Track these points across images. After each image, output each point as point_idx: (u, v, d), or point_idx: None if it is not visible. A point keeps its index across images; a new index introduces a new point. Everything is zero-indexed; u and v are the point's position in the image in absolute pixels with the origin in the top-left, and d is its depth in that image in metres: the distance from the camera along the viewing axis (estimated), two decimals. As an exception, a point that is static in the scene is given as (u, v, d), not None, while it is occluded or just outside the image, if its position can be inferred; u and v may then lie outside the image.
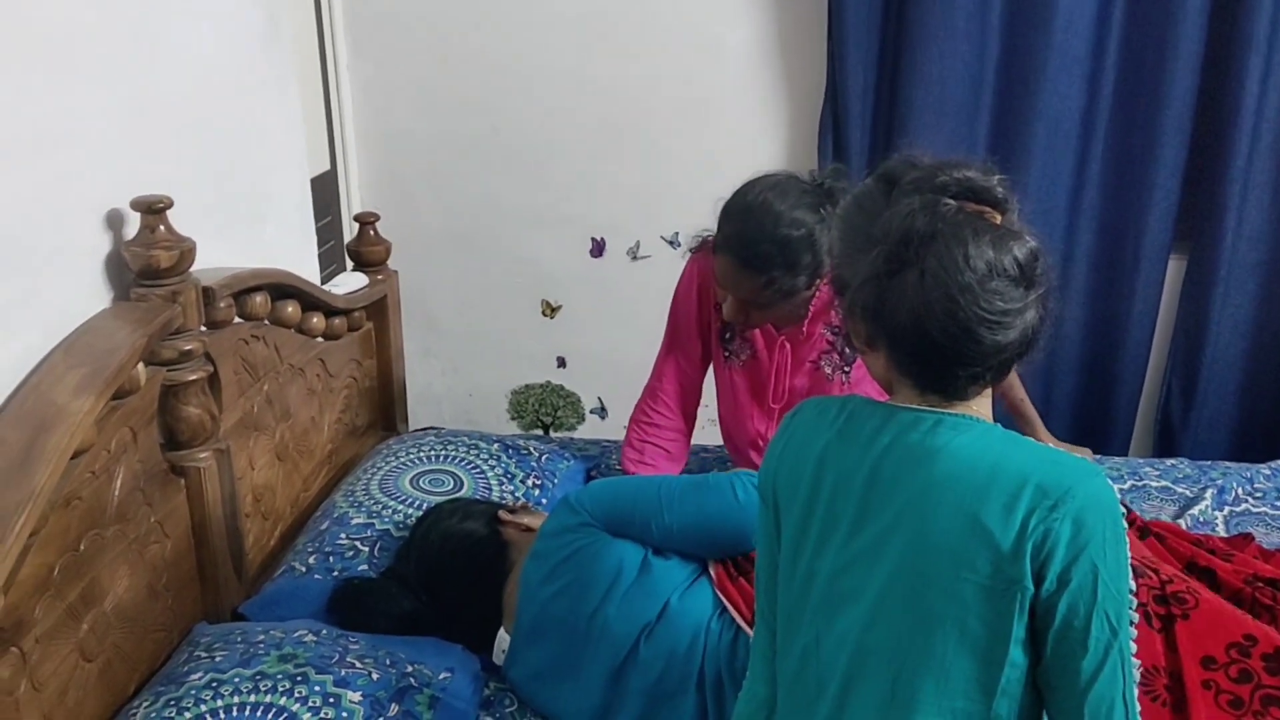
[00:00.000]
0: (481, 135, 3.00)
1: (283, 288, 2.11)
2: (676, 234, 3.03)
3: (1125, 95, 2.71)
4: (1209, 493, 2.34)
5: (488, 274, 3.15)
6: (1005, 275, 1.10)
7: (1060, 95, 2.70)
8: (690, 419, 2.26)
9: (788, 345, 2.07)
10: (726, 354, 2.15)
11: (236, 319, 1.94)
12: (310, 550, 2.02)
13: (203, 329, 1.82)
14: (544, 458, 2.39)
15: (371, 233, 2.58)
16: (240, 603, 1.93)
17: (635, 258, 3.08)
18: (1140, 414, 3.00)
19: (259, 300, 2.00)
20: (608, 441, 2.68)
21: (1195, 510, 2.28)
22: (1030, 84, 2.69)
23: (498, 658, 1.81)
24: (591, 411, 3.29)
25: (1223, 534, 2.20)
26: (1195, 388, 2.90)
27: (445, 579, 1.88)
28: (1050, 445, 1.64)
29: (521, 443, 2.42)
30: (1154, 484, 2.44)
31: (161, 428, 1.78)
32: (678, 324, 2.20)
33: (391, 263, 2.66)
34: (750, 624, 1.64)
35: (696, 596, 1.71)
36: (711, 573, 1.76)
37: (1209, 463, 2.55)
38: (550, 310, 3.18)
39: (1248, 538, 2.04)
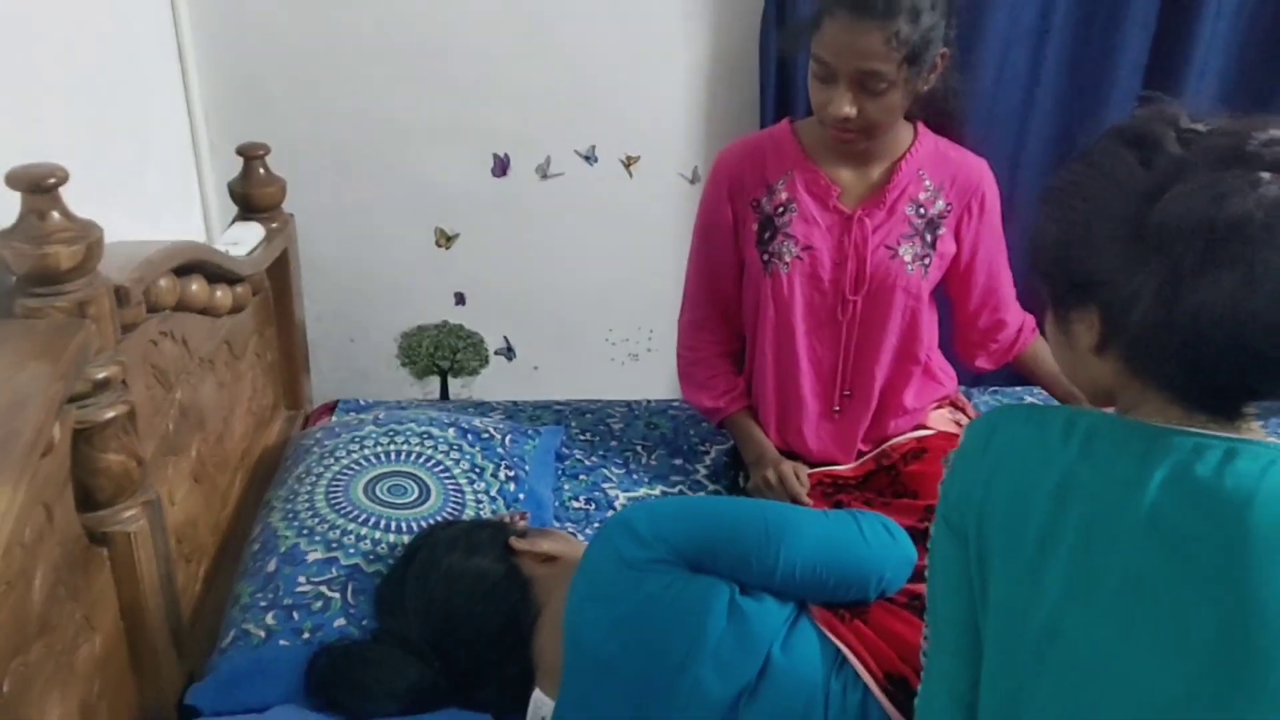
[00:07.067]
0: (358, 29, 2.44)
1: (188, 263, 1.59)
2: (593, 148, 2.61)
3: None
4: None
5: (370, 199, 2.63)
6: None
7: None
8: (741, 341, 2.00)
9: (865, 221, 1.76)
10: (765, 257, 1.81)
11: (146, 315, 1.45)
12: (263, 603, 1.56)
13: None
14: (507, 439, 2.00)
15: (261, 170, 2.04)
16: (185, 688, 1.48)
17: (545, 176, 2.65)
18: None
19: (165, 286, 1.49)
20: (560, 404, 2.30)
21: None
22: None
23: (537, 728, 1.45)
24: (496, 353, 2.88)
25: None
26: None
27: (460, 636, 1.49)
28: None
29: (479, 424, 2.01)
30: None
31: (74, 486, 1.29)
32: (709, 235, 1.90)
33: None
34: (880, 683, 1.35)
35: (801, 646, 1.39)
36: (812, 612, 1.45)
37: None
38: (445, 240, 2.72)
39: None
